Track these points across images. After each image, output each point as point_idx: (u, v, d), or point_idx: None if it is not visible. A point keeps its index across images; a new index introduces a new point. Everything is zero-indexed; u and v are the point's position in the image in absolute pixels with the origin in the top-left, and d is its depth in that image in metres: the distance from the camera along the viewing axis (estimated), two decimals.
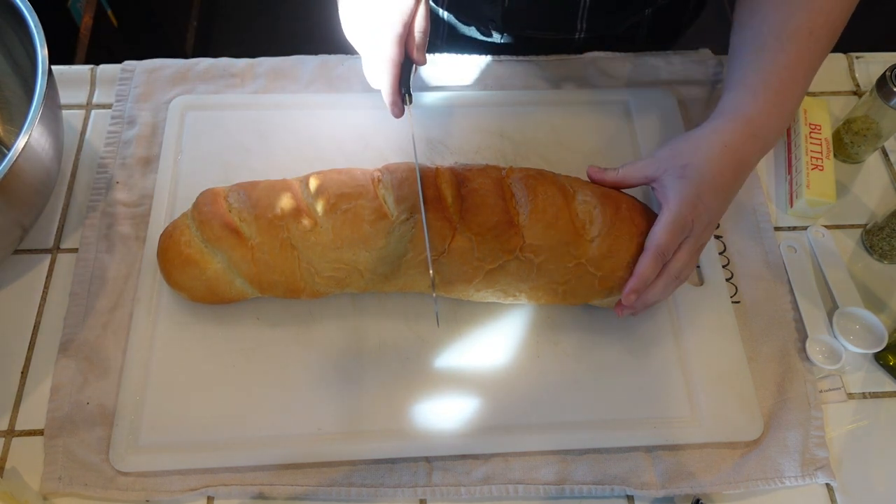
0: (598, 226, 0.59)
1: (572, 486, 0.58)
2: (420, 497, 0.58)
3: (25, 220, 0.63)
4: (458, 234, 0.58)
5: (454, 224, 0.58)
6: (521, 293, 0.61)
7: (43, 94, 0.57)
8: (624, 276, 0.59)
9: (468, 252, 0.58)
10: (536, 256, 0.59)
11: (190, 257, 0.60)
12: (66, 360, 0.61)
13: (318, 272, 0.59)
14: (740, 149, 0.58)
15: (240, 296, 0.62)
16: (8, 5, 0.61)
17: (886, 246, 0.69)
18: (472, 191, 0.59)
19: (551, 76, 0.79)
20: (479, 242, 0.58)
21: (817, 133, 0.73)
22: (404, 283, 0.61)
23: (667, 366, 0.63)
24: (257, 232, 0.59)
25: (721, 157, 0.58)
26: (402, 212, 0.59)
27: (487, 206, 0.59)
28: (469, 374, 0.62)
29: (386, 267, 0.60)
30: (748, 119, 0.59)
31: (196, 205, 0.62)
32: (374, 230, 0.58)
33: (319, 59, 0.79)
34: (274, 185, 0.61)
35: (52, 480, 0.56)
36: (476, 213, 0.58)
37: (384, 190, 0.60)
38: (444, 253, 0.58)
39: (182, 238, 0.61)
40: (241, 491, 0.57)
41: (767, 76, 0.60)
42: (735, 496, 0.59)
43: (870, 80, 0.81)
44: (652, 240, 0.57)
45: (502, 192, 0.60)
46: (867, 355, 0.65)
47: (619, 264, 0.59)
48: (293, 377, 0.61)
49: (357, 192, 0.59)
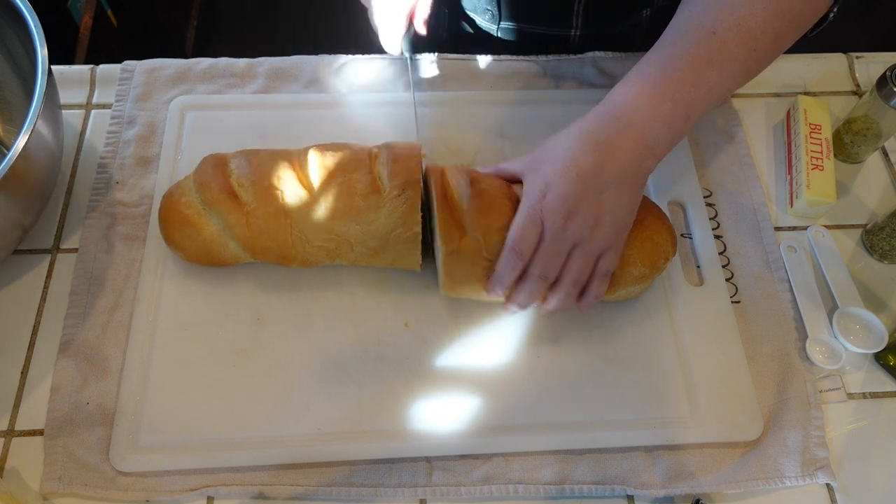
0: None
1: (572, 486, 0.58)
2: (420, 497, 0.58)
3: (25, 220, 0.63)
4: (466, 235, 0.58)
5: (463, 224, 0.59)
6: None
7: (43, 94, 0.57)
8: (632, 271, 0.60)
9: (477, 252, 0.58)
10: None
11: (188, 218, 0.61)
12: (66, 361, 0.61)
13: (309, 241, 0.60)
14: (601, 132, 0.55)
15: (233, 259, 0.63)
16: (8, 5, 0.61)
17: (886, 246, 0.69)
18: (481, 191, 0.59)
19: (551, 76, 0.79)
20: (488, 243, 0.58)
21: (817, 133, 0.73)
22: (393, 259, 0.62)
23: (667, 366, 0.63)
24: (254, 198, 0.60)
25: (577, 144, 0.55)
26: (395, 188, 0.59)
27: (496, 206, 0.59)
28: (469, 374, 0.62)
29: (375, 241, 0.60)
30: (613, 103, 0.56)
31: (198, 168, 0.63)
32: (366, 204, 0.59)
33: (319, 59, 0.79)
34: (275, 154, 0.63)
35: (51, 481, 0.56)
36: (485, 214, 0.58)
37: (380, 166, 0.61)
38: (454, 253, 0.58)
39: (182, 199, 0.62)
40: (241, 491, 0.57)
41: (647, 66, 0.57)
42: (735, 496, 0.59)
43: (870, 80, 0.81)
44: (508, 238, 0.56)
45: (510, 194, 0.60)
46: (867, 355, 0.65)
47: (626, 260, 0.60)
48: (293, 377, 0.61)
49: (353, 166, 0.60)
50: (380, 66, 0.78)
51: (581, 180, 0.54)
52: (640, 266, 0.61)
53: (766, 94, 0.80)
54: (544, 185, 0.55)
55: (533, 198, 0.55)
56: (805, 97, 0.76)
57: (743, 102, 0.79)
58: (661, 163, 0.57)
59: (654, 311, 0.65)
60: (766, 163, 0.76)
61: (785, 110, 0.78)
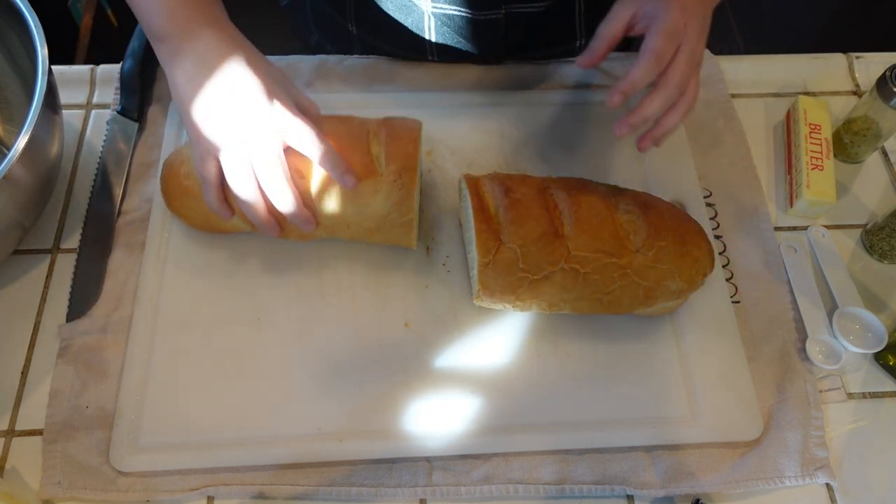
0: (643, 236, 0.59)
1: (572, 486, 0.58)
2: (420, 497, 0.58)
3: (25, 220, 0.63)
4: (503, 245, 0.58)
5: (500, 235, 0.58)
6: (565, 303, 0.60)
7: (43, 94, 0.57)
8: (670, 285, 0.59)
9: (513, 263, 0.58)
10: (582, 267, 0.58)
11: (188, 189, 0.62)
12: (65, 365, 0.61)
13: None
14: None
15: (234, 228, 0.64)
16: (8, 5, 0.61)
17: (886, 246, 0.69)
18: (516, 201, 0.59)
19: (551, 76, 0.79)
20: (525, 253, 0.58)
21: (817, 133, 0.73)
22: (388, 238, 0.63)
23: (667, 365, 0.63)
24: None
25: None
26: (391, 172, 0.59)
27: (532, 216, 0.58)
28: (469, 374, 0.62)
29: (371, 222, 0.61)
30: None
31: None
32: (361, 187, 0.59)
33: (318, 59, 0.79)
34: None
35: (51, 485, 0.56)
36: (521, 224, 0.58)
37: (378, 145, 0.60)
38: (490, 264, 0.58)
39: (182, 170, 0.63)
40: (241, 491, 0.57)
41: None
42: (735, 496, 0.59)
43: (870, 80, 0.81)
44: (647, 45, 0.58)
45: (546, 203, 0.59)
46: (867, 355, 0.65)
47: (665, 274, 0.59)
48: (293, 377, 0.61)
49: (351, 146, 0.60)
50: (380, 66, 0.78)
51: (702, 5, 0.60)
52: (679, 281, 0.60)
53: (766, 94, 0.80)
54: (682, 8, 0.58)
55: (677, 13, 0.58)
56: (805, 97, 0.76)
57: (743, 102, 0.79)
58: (662, 162, 0.58)
59: None
60: (765, 163, 0.76)
61: (785, 110, 0.78)
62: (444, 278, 0.66)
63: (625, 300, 0.60)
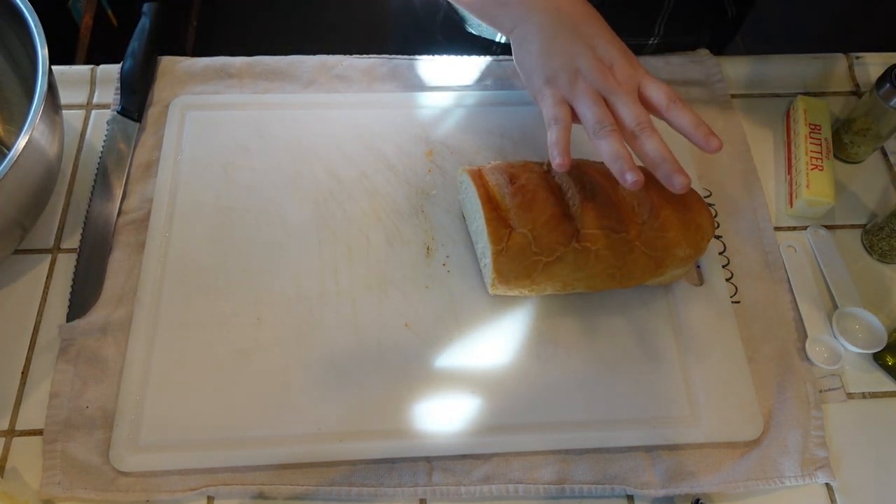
0: (647, 207, 0.60)
1: (572, 486, 0.58)
2: (420, 497, 0.58)
3: (25, 220, 0.63)
4: (514, 231, 0.59)
5: (509, 222, 0.59)
6: (578, 282, 0.62)
7: (43, 94, 0.57)
8: (678, 253, 0.61)
9: (526, 247, 0.59)
10: (593, 244, 0.59)
11: None
12: (65, 365, 0.61)
13: None
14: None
15: None
16: (8, 5, 0.61)
17: (886, 246, 0.69)
18: (522, 187, 0.60)
19: None
20: (536, 237, 0.59)
21: (817, 133, 0.73)
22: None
23: (667, 365, 0.63)
24: None
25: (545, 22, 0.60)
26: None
27: (539, 199, 0.59)
28: (469, 374, 0.62)
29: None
30: None
31: None
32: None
33: (319, 59, 0.79)
34: None
35: (51, 486, 0.56)
36: (529, 209, 0.59)
37: None
38: (503, 251, 0.59)
39: None
40: (241, 491, 0.57)
41: None
42: (735, 496, 0.59)
43: (870, 80, 0.81)
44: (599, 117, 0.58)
45: (550, 185, 0.61)
46: (867, 355, 0.65)
47: (672, 242, 0.61)
48: (293, 377, 0.61)
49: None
50: (380, 67, 0.78)
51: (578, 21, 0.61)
52: (686, 248, 0.61)
53: (766, 94, 0.80)
54: (552, 38, 0.60)
55: (590, 59, 0.59)
56: (805, 97, 0.76)
57: (743, 102, 0.79)
58: None
59: (655, 311, 0.65)
60: (765, 163, 0.76)
61: (784, 110, 0.78)
62: (444, 278, 0.66)
63: (636, 272, 0.61)
